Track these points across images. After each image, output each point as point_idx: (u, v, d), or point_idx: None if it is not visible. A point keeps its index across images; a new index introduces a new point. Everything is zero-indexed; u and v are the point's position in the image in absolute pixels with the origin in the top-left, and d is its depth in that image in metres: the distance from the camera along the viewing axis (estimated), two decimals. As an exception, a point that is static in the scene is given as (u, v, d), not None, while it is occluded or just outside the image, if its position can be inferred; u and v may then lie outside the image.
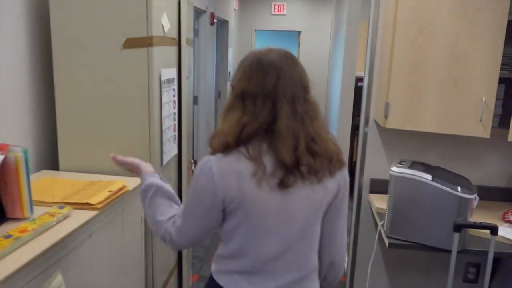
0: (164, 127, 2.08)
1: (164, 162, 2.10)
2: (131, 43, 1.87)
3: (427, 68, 2.01)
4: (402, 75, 2.05)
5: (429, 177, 1.82)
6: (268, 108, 1.08)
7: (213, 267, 1.25)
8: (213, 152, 1.12)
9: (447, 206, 1.80)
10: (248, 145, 1.09)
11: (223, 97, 6.40)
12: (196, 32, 4.99)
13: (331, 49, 6.69)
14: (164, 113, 2.08)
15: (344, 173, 1.19)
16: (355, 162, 5.14)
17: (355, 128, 4.87)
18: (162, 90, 2.03)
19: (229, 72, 6.53)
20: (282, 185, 1.08)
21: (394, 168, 1.90)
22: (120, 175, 1.94)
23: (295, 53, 1.27)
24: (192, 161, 2.57)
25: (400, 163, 1.96)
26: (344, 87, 4.45)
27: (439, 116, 2.03)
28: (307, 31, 7.72)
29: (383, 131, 2.43)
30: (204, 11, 4.93)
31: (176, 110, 2.32)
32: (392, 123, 2.09)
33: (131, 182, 1.82)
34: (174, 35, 2.24)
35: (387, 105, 2.09)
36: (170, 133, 2.21)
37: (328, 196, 1.16)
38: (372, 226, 2.50)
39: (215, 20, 5.38)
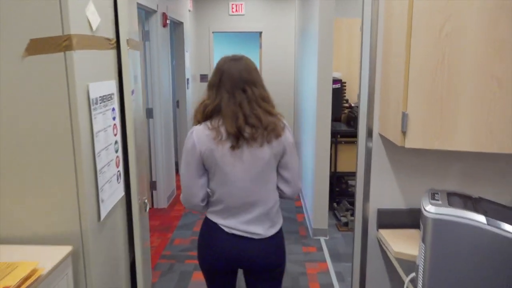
0: (99, 166, 1.45)
1: (103, 215, 1.47)
2: (39, 46, 1.24)
3: (458, 65, 1.49)
4: (424, 76, 1.52)
5: (482, 219, 1.30)
6: (218, 96, 1.61)
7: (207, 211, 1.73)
8: (194, 125, 1.66)
9: (507, 255, 1.29)
10: (212, 120, 1.61)
11: (183, 108, 5.73)
12: (146, 35, 4.34)
13: (297, 50, 6.19)
14: (99, 146, 1.45)
15: (286, 137, 1.66)
16: (334, 172, 4.72)
17: (331, 135, 4.39)
18: (94, 112, 1.40)
19: (187, 79, 5.86)
20: (232, 147, 1.58)
21: (429, 207, 1.36)
22: (29, 243, 1.31)
23: (256, 55, 1.60)
24: (146, 201, 1.94)
25: (433, 197, 1.42)
26: (321, 91, 3.93)
27: (477, 130, 1.51)
28: (269, 31, 7.18)
29: (390, 147, 1.90)
30: (155, 11, 4.28)
31: (119, 138, 1.69)
32: (415, 141, 1.56)
33: (47, 260, 1.19)
34: (110, 34, 1.61)
35: (405, 118, 1.56)
36: (111, 171, 1.58)
37: (276, 152, 1.64)
38: (384, 273, 1.96)
39: (168, 21, 4.73)
